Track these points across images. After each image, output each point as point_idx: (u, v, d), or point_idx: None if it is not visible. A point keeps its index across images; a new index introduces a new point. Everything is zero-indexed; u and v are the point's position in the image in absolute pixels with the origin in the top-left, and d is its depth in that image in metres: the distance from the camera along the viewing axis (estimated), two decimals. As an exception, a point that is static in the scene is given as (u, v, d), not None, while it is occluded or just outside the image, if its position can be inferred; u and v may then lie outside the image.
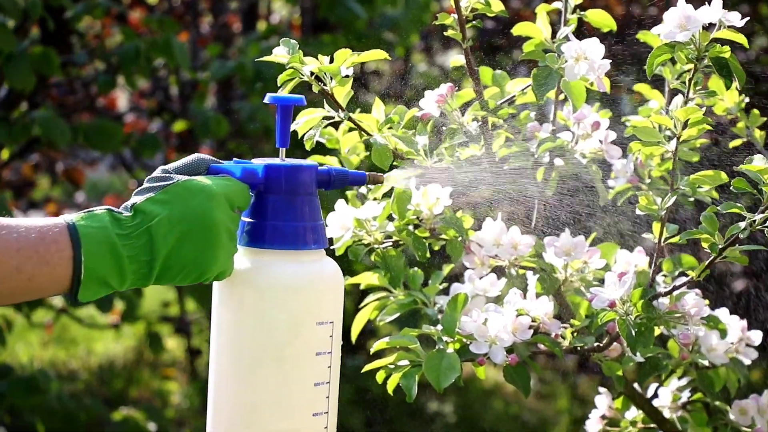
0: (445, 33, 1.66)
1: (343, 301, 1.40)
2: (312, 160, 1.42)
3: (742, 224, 1.51)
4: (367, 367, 1.60)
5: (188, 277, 1.32)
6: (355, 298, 4.96)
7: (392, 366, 1.59)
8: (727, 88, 1.54)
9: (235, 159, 1.40)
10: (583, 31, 1.70)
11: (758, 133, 1.80)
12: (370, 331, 3.86)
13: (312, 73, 1.58)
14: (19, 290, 1.27)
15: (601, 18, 1.70)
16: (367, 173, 1.47)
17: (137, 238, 1.29)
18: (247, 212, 1.39)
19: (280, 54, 1.57)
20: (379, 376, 1.59)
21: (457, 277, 1.80)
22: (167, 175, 1.34)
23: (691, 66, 1.55)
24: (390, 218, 1.70)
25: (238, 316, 1.37)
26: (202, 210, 1.31)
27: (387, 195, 1.70)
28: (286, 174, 1.38)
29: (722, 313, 1.69)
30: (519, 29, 1.68)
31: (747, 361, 1.72)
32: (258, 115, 4.02)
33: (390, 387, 1.58)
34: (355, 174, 1.45)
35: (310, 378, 1.37)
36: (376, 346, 1.60)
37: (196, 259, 1.32)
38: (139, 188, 1.34)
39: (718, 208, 1.52)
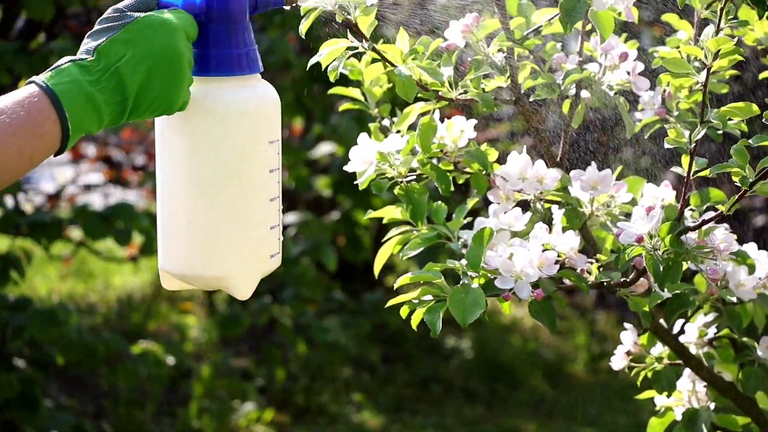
0: (470, -38, 1.62)
1: (281, 120, 1.46)
2: None
3: (775, 157, 1.48)
4: (391, 302, 1.58)
5: (156, 111, 1.35)
6: (373, 233, 4.96)
7: (416, 301, 1.57)
8: (760, 17, 1.51)
9: None
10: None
11: (789, 65, 1.76)
12: (386, 267, 3.84)
13: (335, 2, 1.55)
14: (23, 170, 1.29)
15: (630, -53, 1.66)
16: None
17: (107, 81, 1.31)
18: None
19: (303, -17, 1.54)
20: (403, 311, 1.57)
21: (480, 211, 1.78)
22: (122, 13, 1.34)
23: (722, -5, 1.52)
24: (413, 152, 1.67)
25: (192, 143, 1.41)
26: (167, 44, 1.33)
27: (411, 128, 1.68)
28: (223, 2, 1.40)
29: (751, 248, 1.66)
30: (547, -42, 1.64)
31: (775, 297, 1.70)
32: (277, 47, 3.98)
33: (414, 322, 1.56)
34: None
35: (266, 194, 1.43)
36: (400, 281, 1.58)
37: (164, 93, 1.34)
38: (92, 30, 1.34)
39: (750, 141, 1.50)
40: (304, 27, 1.57)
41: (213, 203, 1.41)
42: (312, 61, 1.61)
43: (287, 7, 1.48)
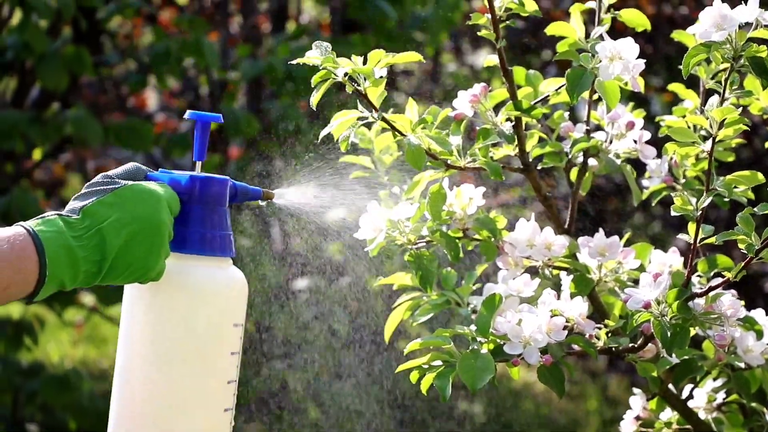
0: (478, 33, 1.65)
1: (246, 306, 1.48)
2: (224, 176, 1.47)
3: (779, 225, 1.50)
4: (401, 368, 1.60)
5: (131, 276, 1.37)
6: (386, 299, 4.97)
7: (426, 366, 1.58)
8: (764, 87, 1.53)
9: (160, 169, 1.45)
10: (614, 29, 1.69)
11: (794, 133, 1.78)
12: (400, 332, 3.85)
13: (345, 74, 1.58)
14: None
15: (635, 17, 1.69)
16: (261, 189, 1.51)
17: (89, 239, 1.33)
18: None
19: (313, 56, 1.57)
20: (413, 377, 1.59)
21: (489, 277, 1.79)
22: (111, 179, 1.38)
23: (726, 65, 1.54)
24: (423, 219, 1.69)
25: (160, 316, 1.42)
26: (151, 213, 1.37)
27: (421, 195, 1.70)
28: (207, 185, 1.43)
29: (758, 314, 1.67)
30: (553, 29, 1.67)
31: (783, 363, 1.70)
32: (288, 114, 4.02)
33: (424, 387, 1.57)
34: (253, 189, 1.50)
35: (224, 376, 1.44)
36: (410, 346, 1.60)
37: (143, 259, 1.36)
38: (78, 194, 1.38)
39: (755, 210, 1.51)
40: (315, 99, 1.59)
41: (171, 378, 1.41)
42: (324, 132, 1.63)
43: (262, 203, 1.52)
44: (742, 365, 1.68)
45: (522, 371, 1.59)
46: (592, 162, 1.73)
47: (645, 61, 1.61)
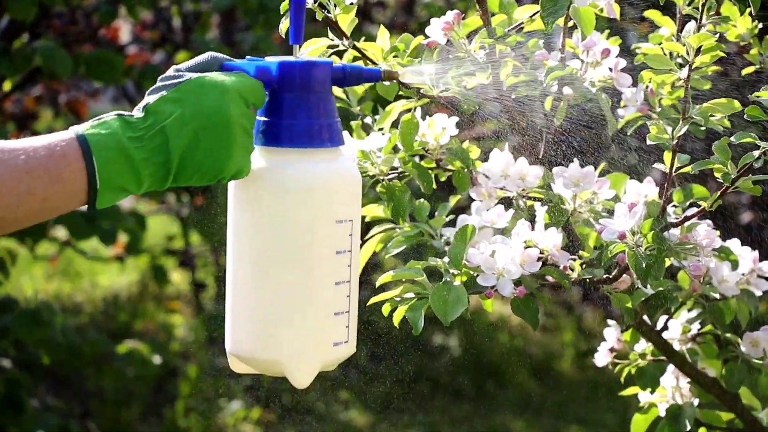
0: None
1: (360, 199, 1.39)
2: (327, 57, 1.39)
3: (756, 153, 1.48)
4: (373, 300, 1.58)
5: (205, 177, 1.29)
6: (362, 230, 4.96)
7: (398, 299, 1.56)
8: (741, 13, 1.51)
9: (248, 57, 1.36)
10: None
11: (772, 60, 1.76)
12: (374, 265, 3.84)
13: (315, 1, 1.55)
14: (35, 213, 1.23)
15: (611, -57, 1.66)
16: (381, 69, 1.43)
17: (150, 140, 1.26)
18: (262, 111, 1.35)
19: (282, -18, 1.54)
20: (385, 309, 1.57)
21: (463, 209, 1.77)
22: (179, 73, 1.30)
23: (704, -9, 1.52)
24: (395, 149, 1.67)
25: (256, 217, 1.35)
26: (217, 106, 1.28)
27: (393, 126, 1.67)
28: (300, 70, 1.34)
29: (734, 244, 1.66)
30: (527, -46, 1.64)
31: (758, 293, 1.69)
32: (261, 46, 3.98)
33: (396, 320, 1.55)
34: (369, 70, 1.42)
35: (331, 277, 1.36)
36: (382, 279, 1.58)
37: (212, 157, 1.28)
38: (151, 88, 1.30)
39: (731, 139, 1.50)
40: (283, 27, 1.56)
41: (274, 283, 1.35)
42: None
43: (386, 83, 1.44)
44: (717, 296, 1.67)
45: (497, 304, 1.58)
46: (566, 91, 1.70)
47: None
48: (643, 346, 1.74)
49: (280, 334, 1.36)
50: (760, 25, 1.72)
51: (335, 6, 1.56)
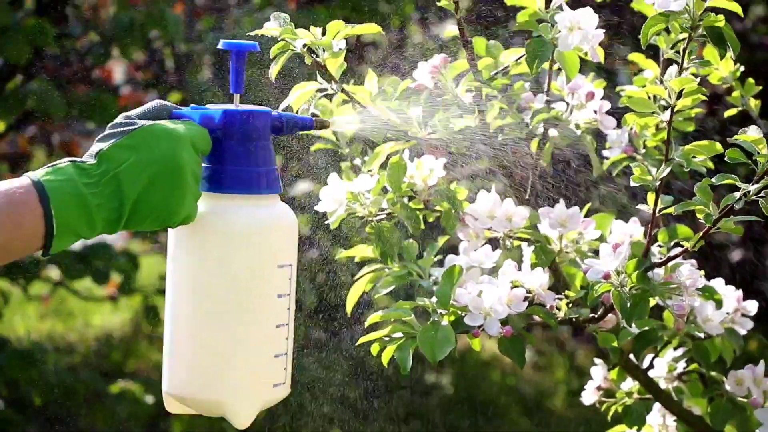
0: (438, 3, 1.65)
1: (297, 244, 1.42)
2: (264, 107, 1.42)
3: (737, 194, 1.50)
4: (362, 340, 1.60)
5: (156, 221, 1.32)
6: (352, 270, 4.97)
7: (387, 338, 1.58)
8: (722, 57, 1.53)
9: (192, 105, 1.40)
10: (576, 0, 1.69)
11: (753, 103, 1.79)
12: (367, 304, 3.86)
13: (304, 45, 1.57)
14: None
15: (595, -13, 1.69)
16: (313, 118, 1.47)
17: (105, 186, 1.28)
18: (205, 158, 1.39)
19: (271, 27, 1.57)
20: (374, 349, 1.59)
21: (452, 249, 1.79)
22: (130, 120, 1.33)
23: (685, 35, 1.54)
24: (384, 191, 1.69)
25: (198, 261, 1.38)
26: (170, 153, 1.31)
27: (382, 167, 1.70)
28: (241, 119, 1.38)
29: (718, 283, 1.68)
30: (513, -1, 1.66)
31: (743, 332, 1.71)
32: (253, 87, 4.00)
33: (385, 359, 1.57)
34: (303, 119, 1.45)
35: (272, 320, 1.39)
36: (371, 319, 1.60)
37: (164, 203, 1.31)
38: (101, 135, 1.32)
39: (713, 180, 1.52)
40: (273, 71, 1.59)
41: (215, 325, 1.37)
42: (283, 105, 1.62)
43: (317, 132, 1.47)
44: (702, 335, 1.69)
45: (489, 342, 1.59)
46: (552, 132, 1.73)
47: (611, 32, 1.61)
48: (630, 384, 1.76)
49: (222, 375, 1.38)
50: (742, 68, 1.75)
51: (324, 51, 1.58)
